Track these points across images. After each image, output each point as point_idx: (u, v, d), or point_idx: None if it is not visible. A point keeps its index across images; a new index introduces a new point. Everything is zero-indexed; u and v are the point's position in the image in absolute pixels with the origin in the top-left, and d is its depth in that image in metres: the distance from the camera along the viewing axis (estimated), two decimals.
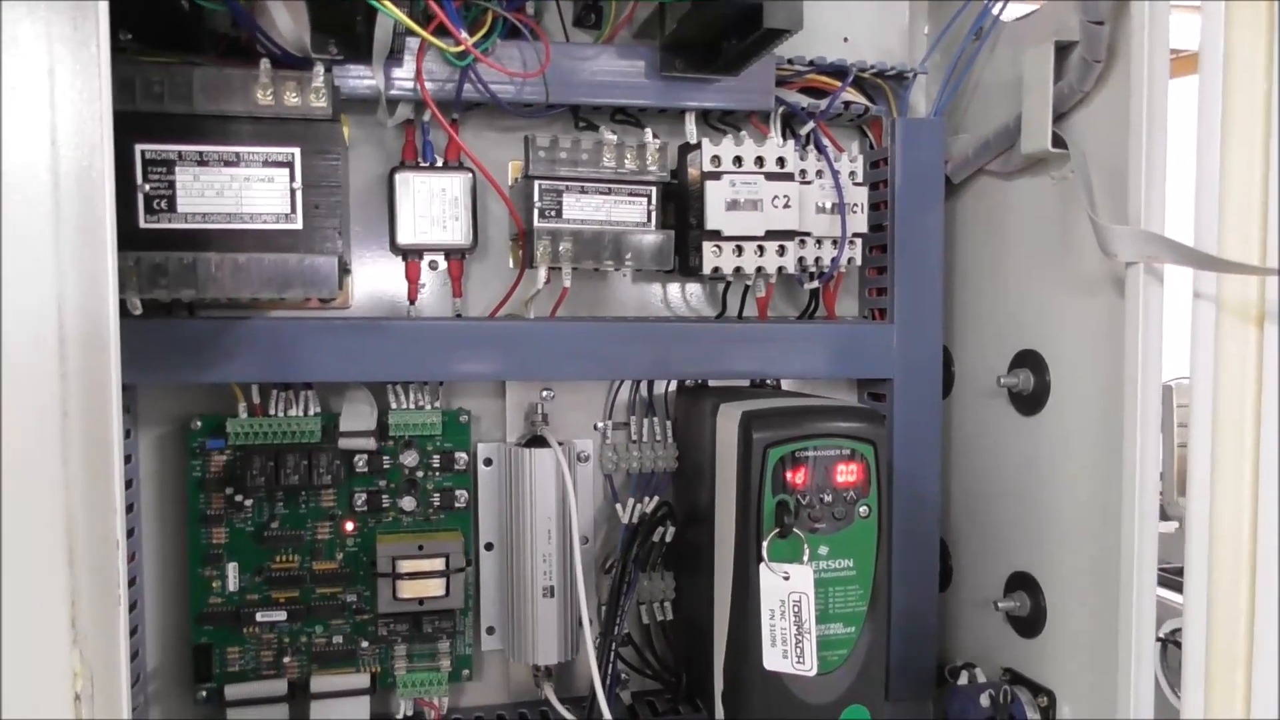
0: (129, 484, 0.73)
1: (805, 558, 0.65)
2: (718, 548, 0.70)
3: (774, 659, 0.65)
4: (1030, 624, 0.77)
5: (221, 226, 0.63)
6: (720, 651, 0.70)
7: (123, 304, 0.63)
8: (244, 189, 0.64)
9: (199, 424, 0.73)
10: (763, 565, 0.65)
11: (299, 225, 0.64)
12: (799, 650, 0.64)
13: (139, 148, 0.62)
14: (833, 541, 0.67)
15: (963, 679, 0.78)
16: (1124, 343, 0.64)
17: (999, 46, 0.79)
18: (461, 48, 0.64)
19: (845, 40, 0.85)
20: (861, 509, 0.67)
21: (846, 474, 0.67)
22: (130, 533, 0.72)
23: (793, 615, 0.64)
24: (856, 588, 0.68)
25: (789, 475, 0.66)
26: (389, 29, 0.62)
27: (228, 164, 0.63)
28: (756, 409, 0.68)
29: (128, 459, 0.73)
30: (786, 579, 0.65)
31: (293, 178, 0.64)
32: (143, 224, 0.63)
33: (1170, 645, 0.75)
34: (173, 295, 0.63)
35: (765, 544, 0.65)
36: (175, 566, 0.75)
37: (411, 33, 0.61)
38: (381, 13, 0.58)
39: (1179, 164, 0.64)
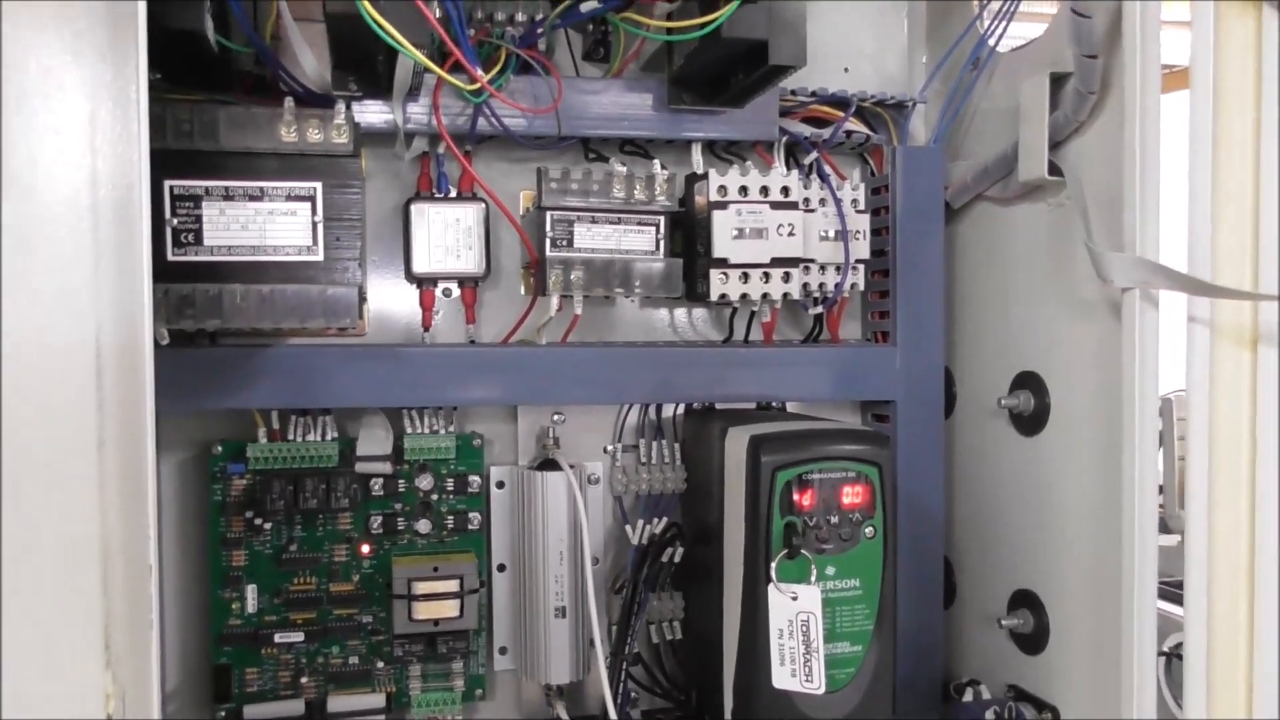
0: None
1: (813, 578, 0.67)
2: (727, 568, 0.72)
3: (783, 677, 0.67)
4: (1034, 641, 0.78)
5: (246, 259, 0.66)
6: (730, 670, 0.71)
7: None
8: (268, 222, 0.66)
9: (220, 449, 0.75)
10: (771, 586, 0.67)
11: (320, 257, 0.66)
12: (807, 669, 0.66)
13: (167, 183, 0.64)
14: (839, 562, 0.69)
15: (967, 696, 0.80)
16: (1121, 366, 0.66)
17: (996, 76, 0.81)
18: (477, 85, 0.66)
19: (846, 70, 0.87)
20: (867, 530, 0.69)
21: (852, 496, 0.69)
22: None
23: (801, 634, 0.66)
24: (863, 607, 0.69)
25: (796, 497, 0.68)
26: (409, 68, 0.64)
27: (252, 198, 0.66)
28: (764, 432, 0.69)
29: None
30: (795, 599, 0.66)
31: (314, 211, 0.66)
32: (171, 256, 0.65)
33: (1173, 659, 0.76)
34: (199, 325, 0.65)
35: (774, 565, 0.67)
36: (196, 588, 0.77)
37: (429, 70, 0.63)
38: (402, 54, 0.60)
39: (1173, 189, 0.66)
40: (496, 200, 0.76)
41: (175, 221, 0.65)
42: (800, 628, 0.66)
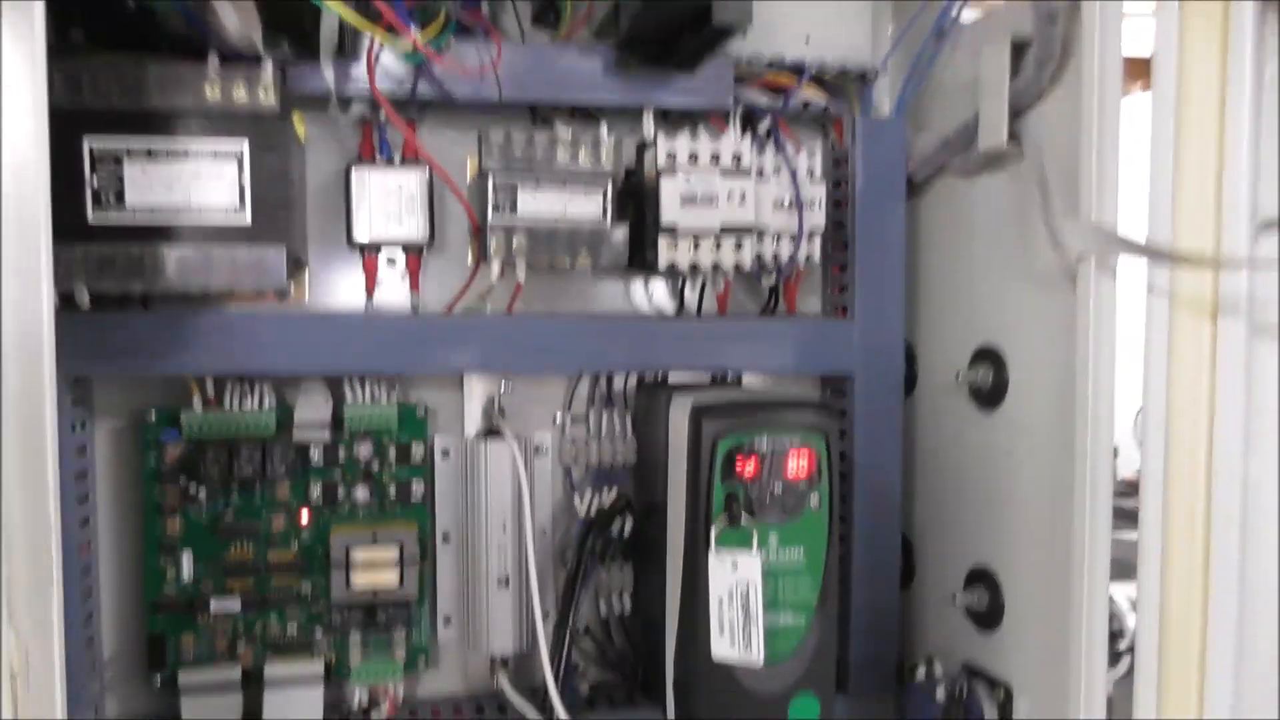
0: (84, 475, 0.73)
1: (754, 547, 0.66)
2: (669, 539, 0.70)
3: (722, 647, 0.65)
4: (989, 618, 0.76)
5: (170, 221, 0.64)
6: (671, 641, 0.70)
7: (71, 297, 0.63)
8: (193, 183, 0.64)
9: (154, 416, 0.74)
10: (711, 552, 0.65)
11: (247, 219, 0.65)
12: (747, 639, 0.65)
13: (87, 142, 0.63)
14: (783, 532, 0.67)
15: (920, 674, 0.78)
16: (1074, 336, 0.64)
17: (960, 46, 0.79)
18: (412, 45, 0.64)
19: (807, 40, 0.85)
20: (813, 500, 0.68)
21: (797, 465, 0.67)
22: (85, 522, 0.73)
23: (740, 604, 0.65)
24: (807, 578, 0.68)
25: (739, 466, 0.66)
26: (334, 26, 0.62)
27: (176, 158, 0.64)
28: (707, 401, 0.68)
29: (83, 450, 0.73)
30: (735, 567, 0.65)
31: (241, 172, 0.65)
32: (91, 218, 0.63)
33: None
34: (121, 289, 0.63)
35: (714, 532, 0.65)
36: (132, 556, 0.75)
37: (356, 27, 0.61)
38: (325, 9, 0.58)
39: (1134, 160, 0.64)
40: (436, 165, 0.74)
41: (96, 181, 0.63)
42: (740, 597, 0.65)
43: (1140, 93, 0.62)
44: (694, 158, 0.74)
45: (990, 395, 0.75)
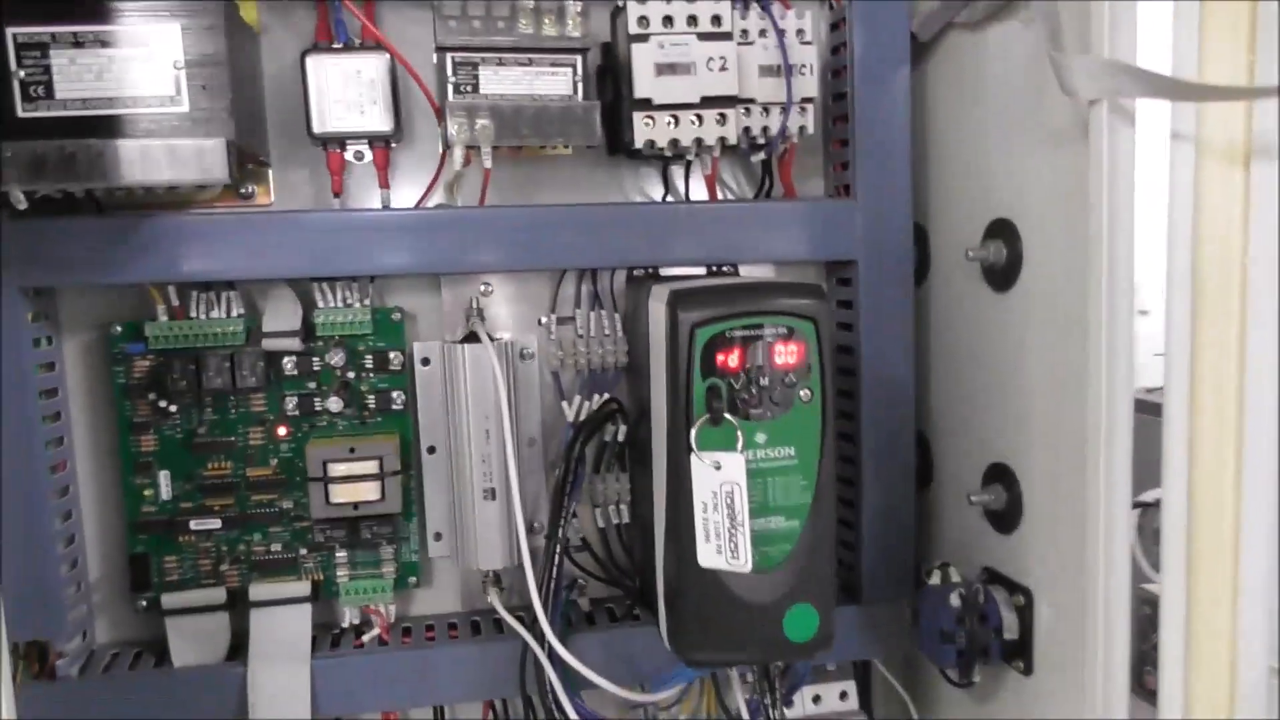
0: (54, 391, 0.70)
1: (739, 446, 0.60)
2: (654, 442, 0.66)
3: (708, 555, 0.61)
4: (1007, 519, 0.71)
5: (104, 113, 0.60)
6: (659, 550, 0.66)
7: (6, 198, 0.60)
8: (124, 71, 0.60)
9: (119, 329, 0.71)
10: (693, 455, 0.60)
11: (185, 108, 0.60)
12: (733, 545, 0.60)
13: (10, 31, 0.59)
14: (771, 428, 0.62)
15: (935, 578, 0.73)
16: (1087, 196, 0.57)
17: None
18: None
19: None
20: (802, 392, 0.62)
21: (785, 355, 0.61)
22: (60, 441, 0.71)
23: (725, 508, 0.60)
24: (799, 478, 0.62)
25: (720, 357, 0.61)
26: None
27: (105, 45, 0.59)
28: (685, 288, 0.62)
29: (50, 366, 0.70)
30: (718, 469, 0.60)
31: (175, 57, 0.60)
32: (20, 113, 0.59)
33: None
34: (55, 187, 0.59)
35: (694, 432, 0.60)
36: (110, 475, 0.73)
37: None
38: None
39: None
40: (388, 45, 0.68)
41: (23, 74, 0.59)
42: (725, 500, 0.60)
43: None
44: (668, 20, 0.67)
45: (1004, 273, 0.69)
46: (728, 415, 0.60)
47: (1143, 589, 0.73)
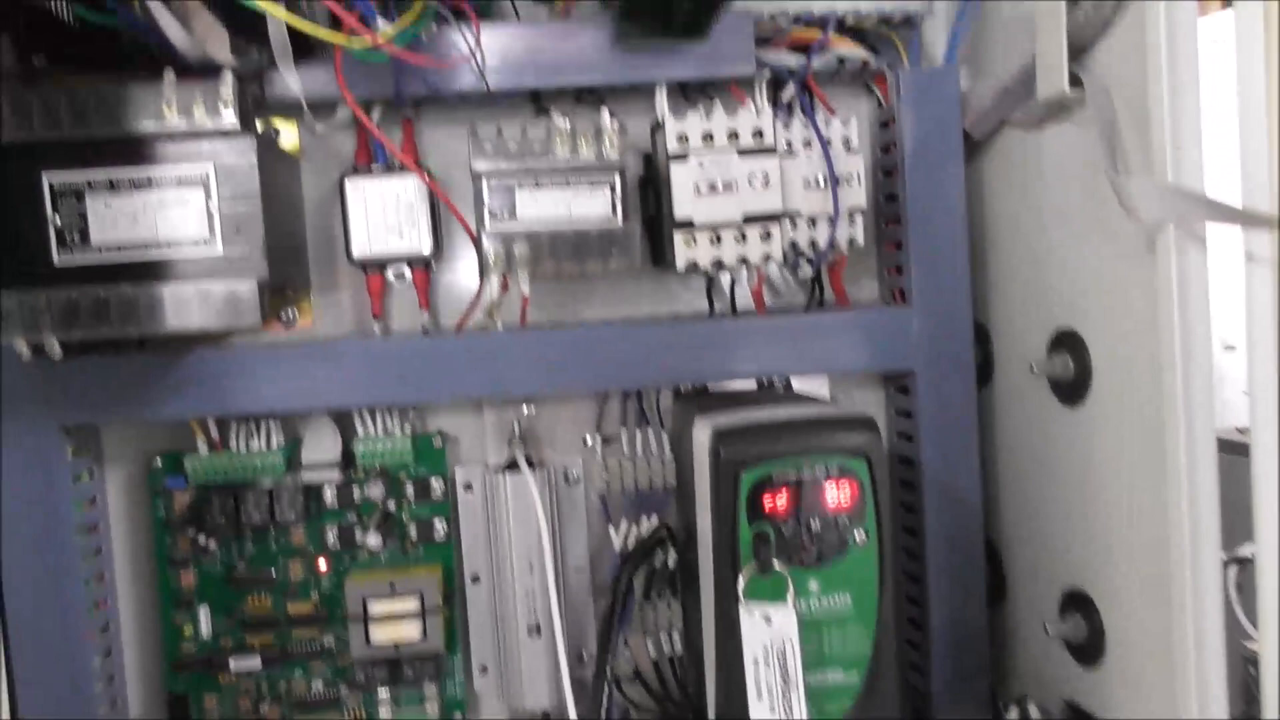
0: (94, 527, 0.70)
1: (789, 597, 0.57)
2: (702, 585, 0.62)
3: (760, 712, 0.57)
4: (1089, 651, 0.66)
5: (139, 257, 0.59)
6: (711, 699, 0.62)
7: (42, 347, 0.59)
8: (159, 214, 0.59)
9: (159, 462, 0.70)
10: (741, 607, 0.57)
11: (219, 250, 0.59)
12: (787, 704, 0.56)
13: (46, 178, 0.59)
14: (825, 576, 0.58)
15: (1013, 713, 0.68)
16: (1157, 320, 0.53)
17: None
18: (369, 42, 0.57)
19: None
20: (857, 535, 0.58)
21: (836, 496, 0.58)
22: (100, 577, 0.70)
23: (778, 664, 0.56)
24: (858, 626, 0.58)
25: (767, 501, 0.57)
26: (282, 31, 0.56)
27: (139, 188, 0.59)
28: (729, 424, 0.59)
29: (93, 500, 0.70)
30: (769, 622, 0.56)
31: (208, 197, 0.59)
32: (57, 260, 0.59)
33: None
34: (89, 335, 0.59)
35: (742, 582, 0.57)
36: (150, 611, 0.72)
37: (302, 31, 0.55)
38: (268, 14, 0.52)
39: (1218, 98, 0.52)
40: (418, 171, 0.67)
41: (59, 220, 0.59)
42: (777, 656, 0.56)
43: (1220, 10, 0.51)
44: (709, 138, 0.65)
45: (1073, 387, 0.64)
46: (777, 564, 0.57)
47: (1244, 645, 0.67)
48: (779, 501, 0.57)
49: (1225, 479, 0.54)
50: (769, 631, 0.56)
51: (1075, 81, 0.59)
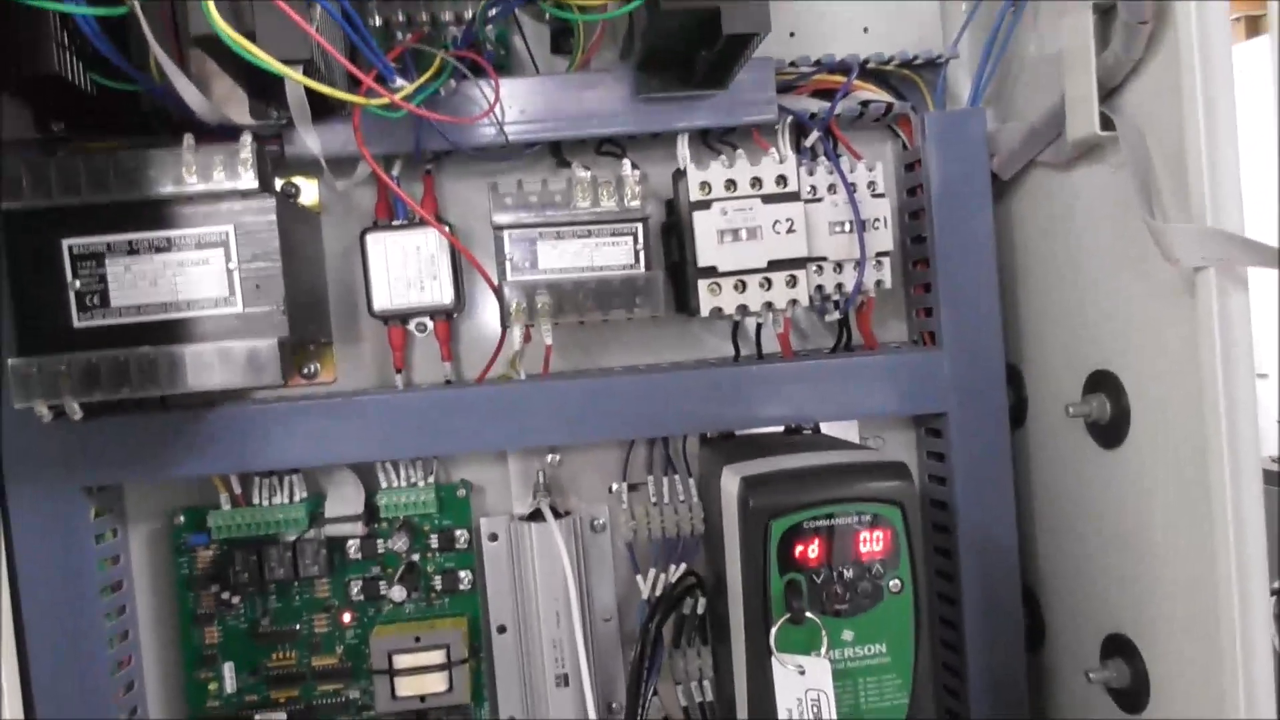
0: (119, 586, 0.69)
1: (823, 648, 0.56)
2: (732, 634, 0.61)
3: None
4: (1132, 698, 0.64)
5: (158, 318, 0.59)
6: None
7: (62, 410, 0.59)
8: (178, 275, 0.59)
9: (182, 519, 0.69)
10: (774, 659, 0.55)
11: (239, 308, 0.59)
12: None
13: (65, 243, 0.59)
14: (859, 625, 0.57)
15: None
16: (1199, 359, 0.52)
17: (1041, 14, 0.67)
18: (386, 100, 0.57)
19: (865, 30, 0.74)
20: (892, 583, 0.57)
21: (869, 544, 0.57)
22: (124, 635, 0.69)
23: (812, 716, 0.55)
24: (893, 676, 0.57)
25: (799, 550, 0.56)
26: (300, 93, 0.56)
27: (159, 250, 0.59)
28: (758, 472, 0.58)
29: (116, 559, 0.69)
30: (802, 673, 0.55)
31: (228, 258, 0.59)
32: (77, 323, 0.59)
33: None
34: (109, 396, 0.58)
35: (774, 633, 0.56)
36: (174, 669, 0.71)
37: (318, 91, 0.54)
38: (285, 77, 0.52)
39: (1259, 140, 0.51)
40: (435, 224, 0.66)
41: (78, 284, 0.59)
42: (811, 708, 0.55)
43: (1249, 40, 0.49)
44: (731, 185, 0.64)
45: (1110, 430, 0.63)
46: (809, 614, 0.56)
47: None
48: (811, 550, 0.56)
49: None
50: (803, 683, 0.55)
51: (1106, 122, 0.58)
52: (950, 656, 0.72)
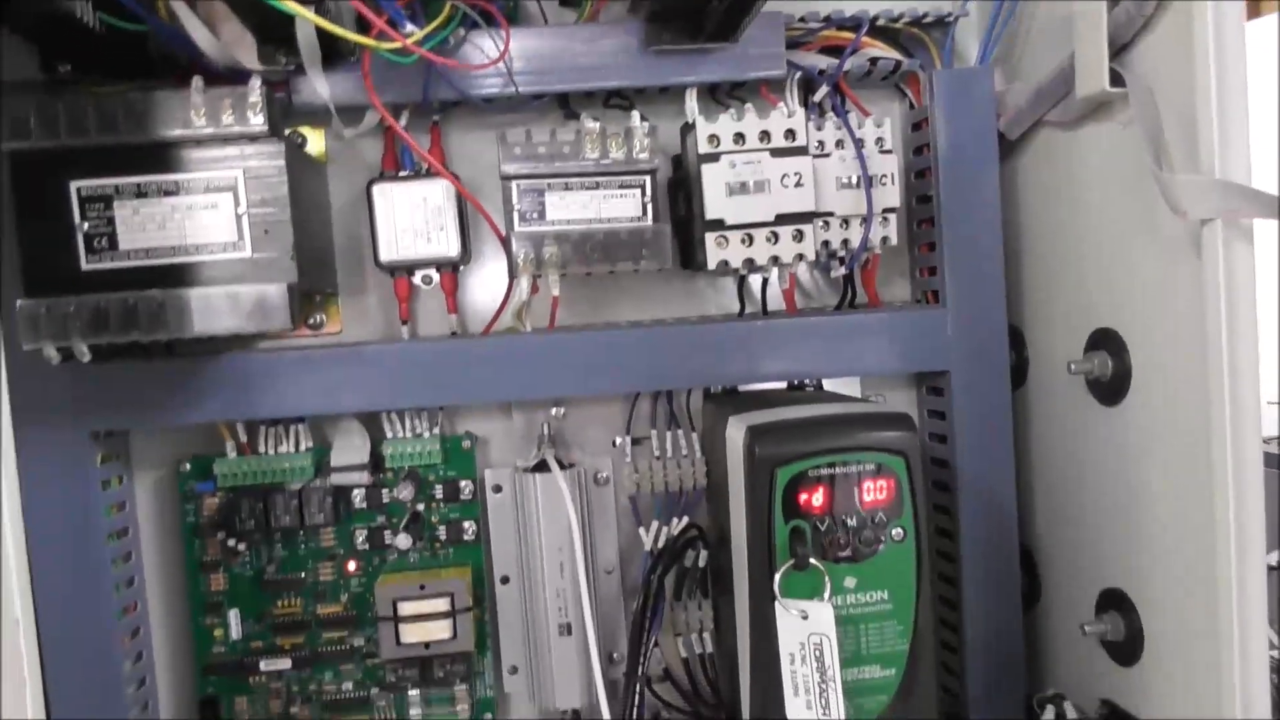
0: (125, 532, 0.70)
1: (826, 593, 0.56)
2: (735, 580, 0.62)
3: (797, 709, 0.56)
4: (1126, 650, 0.65)
5: (167, 261, 0.59)
6: (745, 696, 0.61)
7: (71, 352, 0.59)
8: (187, 219, 0.59)
9: (188, 466, 0.70)
10: (777, 604, 0.56)
11: (247, 253, 0.59)
12: (824, 701, 0.56)
13: (74, 185, 0.58)
14: (861, 572, 0.58)
15: (1049, 713, 0.67)
16: (1204, 315, 0.52)
17: None
18: (398, 45, 0.56)
19: None
20: (894, 532, 0.58)
21: (873, 492, 0.57)
22: (130, 582, 0.70)
23: (815, 660, 0.56)
24: (894, 623, 0.58)
25: (803, 498, 0.57)
26: (310, 32, 0.56)
27: (168, 194, 0.59)
28: (763, 422, 0.59)
29: (122, 506, 0.70)
30: (805, 618, 0.56)
31: (237, 202, 0.59)
32: (85, 265, 0.59)
33: None
34: (117, 339, 0.58)
35: (778, 579, 0.56)
36: (180, 616, 0.72)
37: (331, 33, 0.54)
38: (296, 17, 0.52)
39: (1263, 97, 0.52)
40: (445, 174, 0.67)
41: (86, 226, 0.59)
42: (813, 652, 0.56)
43: (1269, 16, 0.50)
44: (740, 138, 0.64)
45: (1111, 387, 0.64)
46: (813, 560, 0.56)
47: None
48: (815, 498, 0.57)
49: None
50: (805, 627, 0.55)
51: (1115, 79, 0.58)
52: (948, 613, 0.73)
